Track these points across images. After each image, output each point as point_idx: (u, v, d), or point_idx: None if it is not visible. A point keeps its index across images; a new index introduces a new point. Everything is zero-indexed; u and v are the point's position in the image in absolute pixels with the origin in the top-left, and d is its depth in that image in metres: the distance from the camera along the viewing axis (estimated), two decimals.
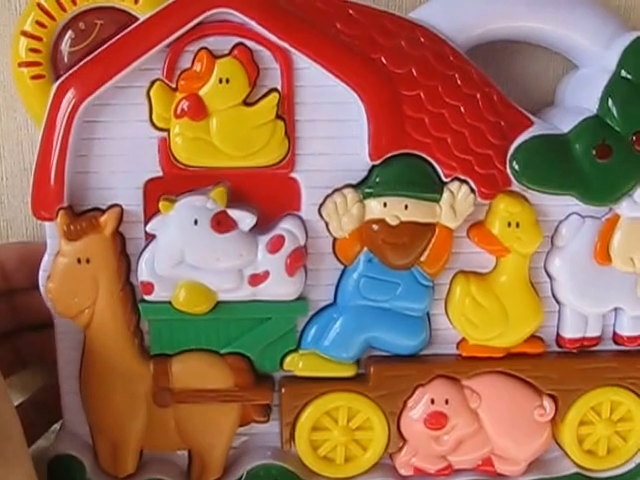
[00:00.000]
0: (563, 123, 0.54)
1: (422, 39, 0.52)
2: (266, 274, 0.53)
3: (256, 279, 0.53)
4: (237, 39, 0.51)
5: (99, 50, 0.51)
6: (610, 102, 0.52)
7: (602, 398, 0.57)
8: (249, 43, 0.51)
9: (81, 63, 0.51)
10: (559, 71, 0.59)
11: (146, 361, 0.54)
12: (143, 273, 0.53)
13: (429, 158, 0.52)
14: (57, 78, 0.51)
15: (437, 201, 0.53)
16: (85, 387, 0.54)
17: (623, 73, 0.52)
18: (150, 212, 0.52)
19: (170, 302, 0.53)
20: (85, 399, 0.54)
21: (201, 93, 0.50)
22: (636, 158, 0.52)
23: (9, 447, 0.46)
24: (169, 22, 0.50)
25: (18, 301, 0.57)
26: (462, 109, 0.52)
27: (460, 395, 0.56)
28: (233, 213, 0.52)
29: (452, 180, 0.53)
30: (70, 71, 0.51)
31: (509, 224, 0.53)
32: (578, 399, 0.57)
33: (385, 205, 0.52)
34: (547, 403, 0.56)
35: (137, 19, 0.51)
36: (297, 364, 0.55)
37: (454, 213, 0.53)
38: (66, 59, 0.51)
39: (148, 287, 0.53)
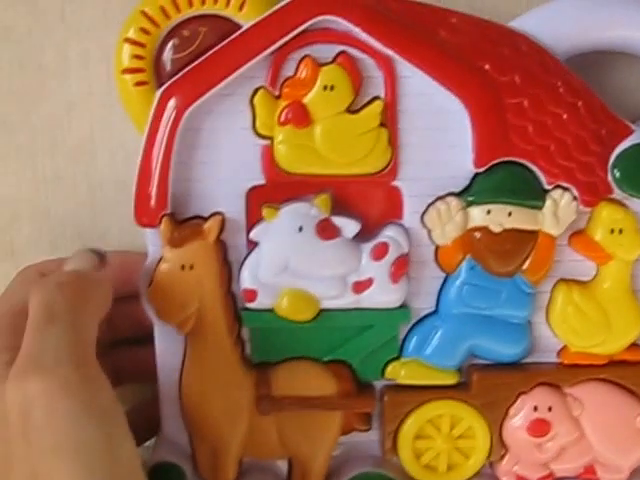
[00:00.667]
0: None
1: (524, 48, 0.52)
2: (370, 281, 0.52)
3: (360, 286, 0.52)
4: (341, 47, 0.51)
5: (203, 58, 0.50)
6: None
7: None
8: (353, 51, 0.51)
9: (184, 70, 0.51)
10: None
11: (248, 369, 0.54)
12: (246, 280, 0.53)
13: (532, 166, 0.52)
14: (160, 85, 0.51)
15: (540, 208, 0.52)
16: (185, 394, 0.54)
17: None
18: (252, 220, 0.52)
19: (272, 310, 0.53)
20: (185, 407, 0.54)
21: (305, 100, 0.50)
22: None
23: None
24: (273, 30, 0.50)
25: (115, 311, 0.55)
26: (565, 117, 0.52)
27: (562, 403, 0.55)
28: (337, 220, 0.52)
29: (555, 187, 0.52)
30: (174, 78, 0.51)
31: (612, 230, 0.52)
32: None
33: (489, 212, 0.52)
34: None
35: (240, 27, 0.51)
36: (399, 372, 0.55)
37: (557, 220, 0.52)
38: (169, 66, 0.51)
39: (251, 294, 0.53)
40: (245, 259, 0.53)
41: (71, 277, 0.51)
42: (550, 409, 0.55)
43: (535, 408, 0.55)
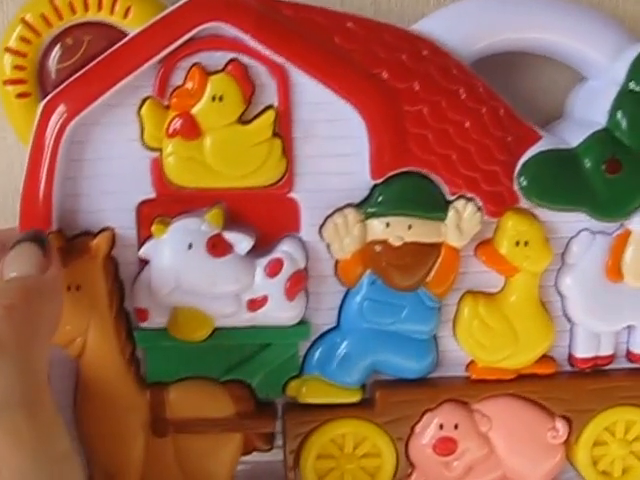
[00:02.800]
0: (572, 137, 0.50)
1: (425, 52, 0.49)
2: (265, 299, 0.49)
3: (255, 304, 0.49)
4: (231, 54, 0.48)
5: (87, 67, 0.47)
6: (619, 115, 0.49)
7: (616, 418, 0.54)
8: (244, 58, 0.48)
9: (69, 80, 0.47)
10: (569, 83, 0.55)
11: (143, 390, 0.51)
12: (137, 299, 0.50)
13: (433, 176, 0.49)
14: (45, 97, 0.48)
15: (442, 220, 0.49)
16: (80, 417, 0.51)
17: (632, 85, 0.49)
18: (144, 235, 0.49)
19: (166, 329, 0.50)
20: (80, 430, 0.51)
21: (194, 111, 0.47)
22: None
23: None
24: (160, 37, 0.47)
25: None
26: (467, 124, 0.49)
27: (470, 419, 0.52)
28: (229, 236, 0.49)
29: (458, 198, 0.49)
30: (57, 89, 0.48)
31: (517, 243, 0.50)
32: (592, 420, 0.53)
33: (388, 225, 0.49)
34: (560, 425, 0.53)
35: (126, 34, 0.47)
36: (300, 390, 0.52)
37: (460, 232, 0.49)
38: (53, 76, 0.48)
39: (143, 314, 0.50)
40: (137, 277, 0.50)
41: (16, 293, 0.43)
42: (456, 427, 0.52)
43: (441, 426, 0.52)
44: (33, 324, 0.42)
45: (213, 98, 0.47)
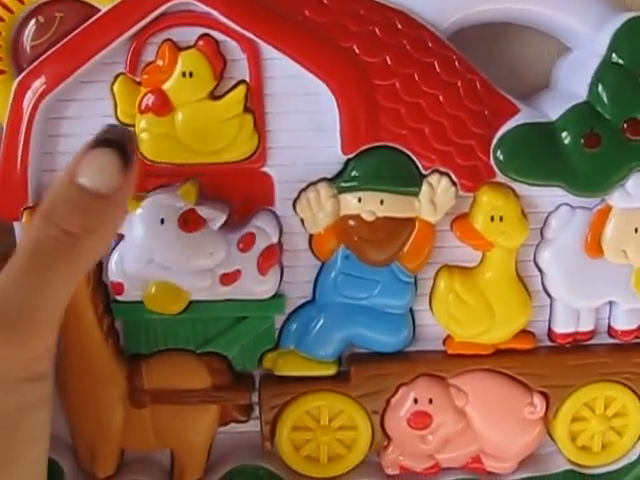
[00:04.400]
0: (552, 110, 0.48)
1: (399, 25, 0.47)
2: (237, 273, 0.48)
3: (228, 278, 0.48)
4: (202, 30, 0.46)
5: (60, 44, 0.46)
6: (600, 88, 0.47)
7: (596, 394, 0.52)
8: (214, 34, 0.46)
9: (42, 57, 0.46)
10: (554, 54, 0.52)
11: (120, 362, 0.50)
12: (113, 273, 0.49)
13: (406, 150, 0.47)
14: (20, 73, 0.47)
15: (416, 195, 0.48)
16: (61, 389, 0.50)
17: (614, 57, 0.46)
18: None
19: (142, 302, 0.49)
20: (62, 401, 0.50)
21: (165, 87, 0.46)
22: (627, 146, 0.47)
23: None
24: (131, 13, 0.46)
25: None
26: (441, 98, 0.47)
27: (445, 394, 0.51)
28: (202, 211, 0.47)
29: (431, 173, 0.48)
30: (32, 66, 0.47)
31: (492, 218, 0.48)
32: (571, 395, 0.52)
33: (360, 200, 0.47)
34: (538, 400, 0.52)
35: (98, 10, 0.46)
36: (276, 363, 0.51)
37: (434, 207, 0.48)
38: (28, 54, 0.47)
39: (118, 287, 0.49)
40: (112, 251, 0.49)
41: (78, 219, 0.40)
42: (431, 401, 0.51)
43: (415, 400, 0.51)
44: (79, 250, 0.40)
45: (183, 74, 0.46)
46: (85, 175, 0.40)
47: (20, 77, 0.47)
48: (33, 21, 0.47)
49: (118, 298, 0.49)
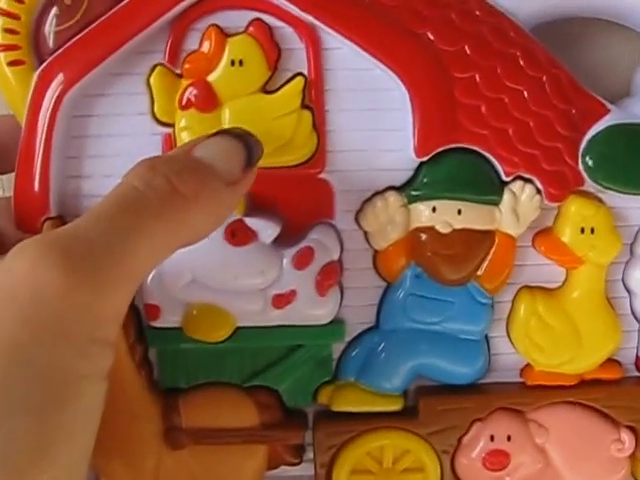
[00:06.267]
0: None
1: (476, 11, 0.38)
2: (293, 294, 0.39)
3: (281, 300, 0.39)
4: (253, 13, 0.37)
5: (88, 29, 0.37)
6: None
7: None
8: (268, 18, 0.37)
9: (67, 45, 0.37)
10: (636, 57, 0.43)
11: (155, 397, 0.41)
12: (147, 294, 0.39)
13: (486, 153, 0.39)
14: (41, 64, 0.37)
15: (496, 204, 0.39)
16: None
17: None
18: None
19: (180, 328, 0.40)
20: None
21: (210, 79, 0.37)
22: None
23: None
24: None
25: None
26: (526, 94, 0.38)
27: (524, 430, 0.42)
28: (252, 222, 0.38)
29: (514, 179, 0.39)
30: (54, 55, 0.37)
31: (582, 230, 0.39)
32: None
33: (434, 210, 0.39)
34: (626, 436, 0.42)
35: None
36: (333, 397, 0.42)
37: (517, 218, 0.39)
38: (51, 41, 0.37)
39: (154, 311, 0.39)
40: None
41: (192, 171, 0.33)
42: (509, 438, 0.42)
43: (492, 437, 0.42)
44: (184, 209, 0.32)
45: (232, 62, 0.37)
46: (206, 151, 0.33)
47: (41, 68, 0.37)
48: (57, 4, 0.38)
49: (153, 324, 0.40)
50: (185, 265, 0.39)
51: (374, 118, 0.39)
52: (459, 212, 0.39)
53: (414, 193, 0.39)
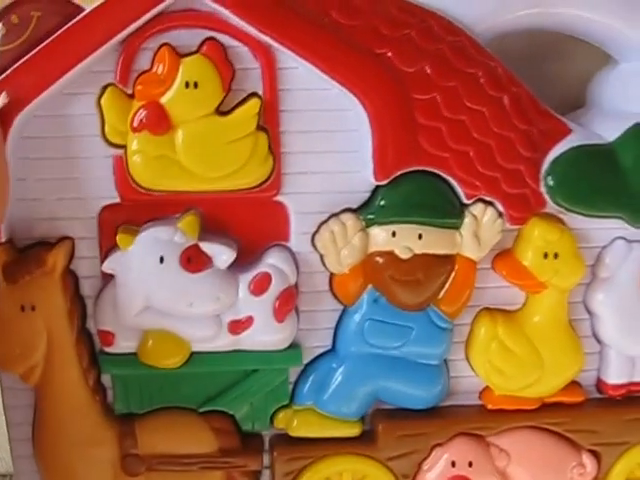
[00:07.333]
0: (605, 130, 0.38)
1: (436, 29, 0.36)
2: (249, 320, 0.37)
3: (237, 326, 0.37)
4: (207, 32, 0.35)
5: (37, 49, 0.34)
6: None
7: None
8: (222, 37, 0.35)
9: (15, 65, 0.34)
10: (592, 67, 0.41)
11: (110, 422, 0.38)
12: (101, 320, 0.37)
13: (447, 176, 0.36)
14: None
15: (457, 227, 0.37)
16: (41, 452, 0.38)
17: None
18: (107, 245, 0.37)
19: (136, 354, 0.37)
20: (42, 466, 0.39)
21: (163, 100, 0.34)
22: None
23: None
24: (122, 12, 0.34)
25: None
26: (486, 115, 0.36)
27: (485, 455, 0.40)
28: (207, 247, 0.36)
29: (475, 202, 0.37)
30: (1, 76, 0.35)
31: (546, 255, 0.37)
32: (624, 454, 0.41)
33: (394, 234, 0.36)
34: (588, 460, 0.40)
35: (82, 9, 0.35)
36: (291, 422, 0.39)
37: (478, 242, 0.37)
38: None
39: (108, 337, 0.37)
40: (100, 294, 0.37)
41: None
42: (470, 464, 0.40)
43: (453, 463, 0.40)
44: None
45: (187, 84, 0.34)
46: None
47: None
48: (3, 22, 0.36)
49: (107, 350, 0.38)
50: (139, 292, 0.36)
51: (331, 139, 0.36)
52: (420, 237, 0.36)
53: (372, 216, 0.37)
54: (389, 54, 0.35)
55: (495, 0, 0.37)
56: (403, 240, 0.36)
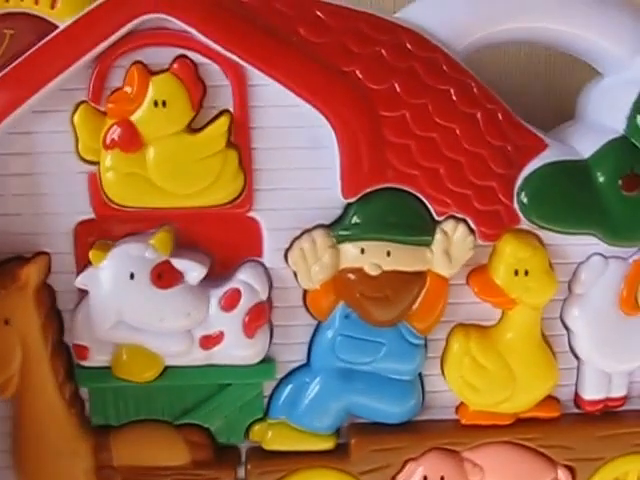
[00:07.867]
0: (583, 145, 0.37)
1: (409, 46, 0.35)
2: (220, 335, 0.36)
3: (209, 341, 0.36)
4: (178, 50, 0.34)
5: (10, 66, 0.34)
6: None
7: (628, 467, 0.40)
8: (193, 55, 0.34)
9: None
10: (580, 80, 0.40)
11: (85, 434, 0.38)
12: (76, 335, 0.37)
13: (417, 193, 0.35)
14: None
15: (428, 244, 0.36)
16: (18, 463, 0.38)
17: None
18: (83, 260, 0.36)
19: (110, 367, 0.37)
20: (19, 477, 0.38)
21: (134, 118, 0.34)
22: None
23: None
24: (94, 31, 0.34)
25: None
26: (458, 132, 0.35)
27: (459, 470, 0.39)
28: (178, 263, 0.35)
29: (446, 219, 0.36)
30: None
31: (516, 272, 0.36)
32: (599, 470, 0.40)
33: (363, 251, 0.35)
34: (563, 476, 0.39)
35: (56, 27, 0.34)
36: (265, 435, 0.39)
37: (449, 259, 0.36)
38: None
39: (82, 351, 0.37)
40: (75, 308, 0.37)
41: None
42: (443, 478, 0.39)
43: (425, 478, 0.39)
44: None
45: (155, 103, 0.34)
46: None
47: None
48: None
49: (82, 363, 0.37)
50: (112, 307, 0.36)
51: (302, 156, 0.36)
52: (388, 254, 0.35)
53: (343, 233, 0.36)
54: (357, 71, 0.34)
55: (471, 16, 0.36)
56: (372, 257, 0.36)
